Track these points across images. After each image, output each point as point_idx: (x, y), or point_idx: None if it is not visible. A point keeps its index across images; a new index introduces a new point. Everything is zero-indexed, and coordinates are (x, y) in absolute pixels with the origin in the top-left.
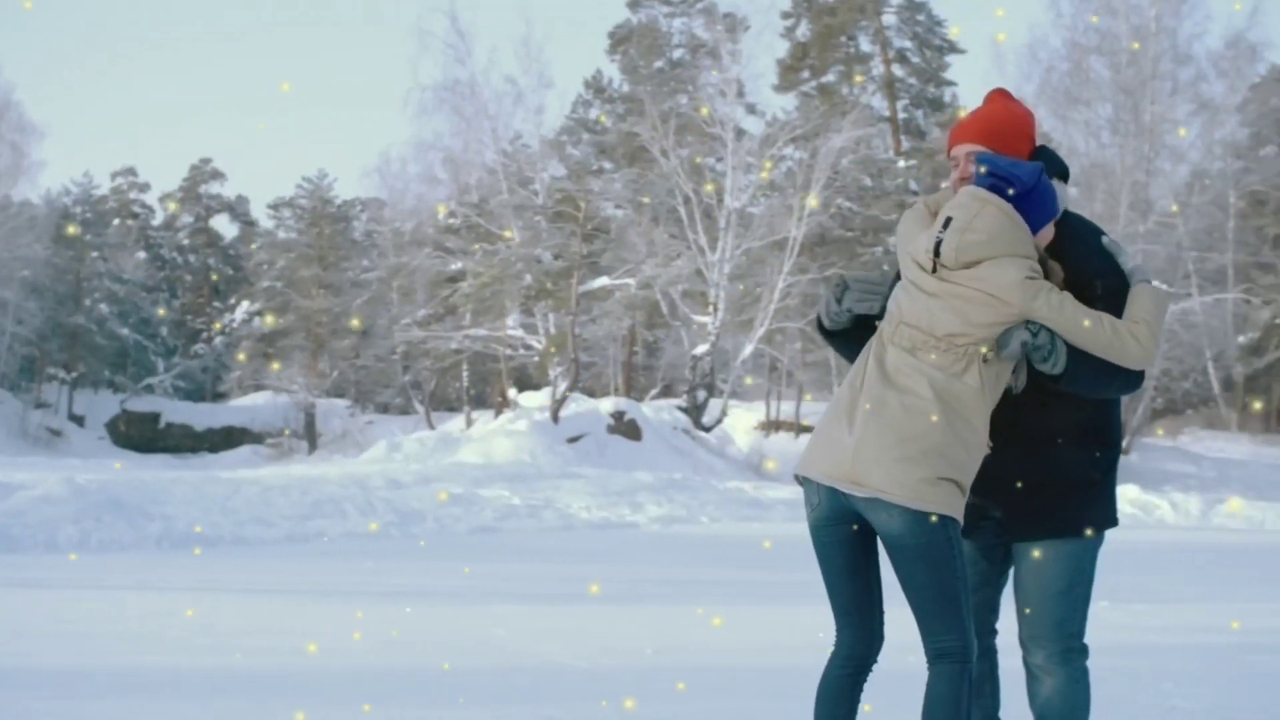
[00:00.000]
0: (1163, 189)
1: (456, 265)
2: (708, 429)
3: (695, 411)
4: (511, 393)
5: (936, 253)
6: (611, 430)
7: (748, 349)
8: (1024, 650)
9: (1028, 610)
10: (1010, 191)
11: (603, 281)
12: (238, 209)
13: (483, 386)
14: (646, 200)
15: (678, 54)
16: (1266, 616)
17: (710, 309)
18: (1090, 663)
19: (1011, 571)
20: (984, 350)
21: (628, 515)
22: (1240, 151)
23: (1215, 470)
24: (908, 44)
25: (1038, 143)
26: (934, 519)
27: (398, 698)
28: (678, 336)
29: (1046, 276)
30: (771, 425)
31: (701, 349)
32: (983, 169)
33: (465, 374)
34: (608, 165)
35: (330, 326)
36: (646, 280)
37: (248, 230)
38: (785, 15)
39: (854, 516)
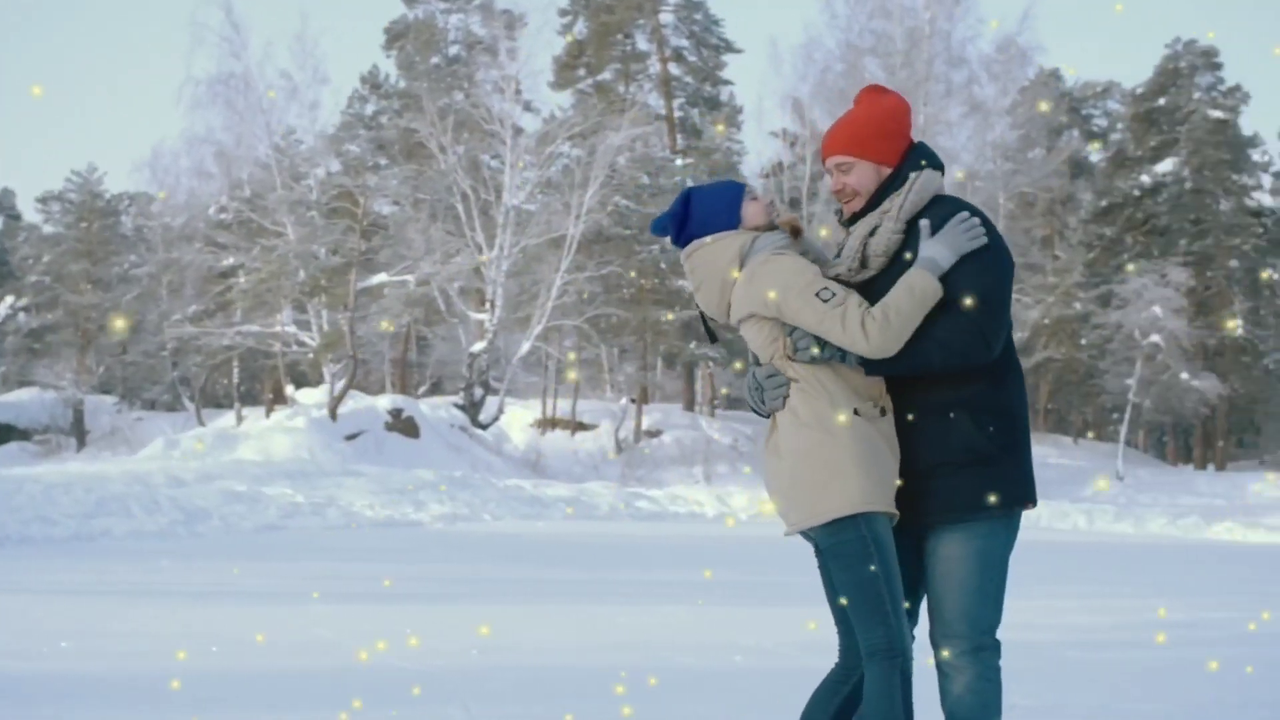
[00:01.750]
0: None
1: (229, 261)
2: (484, 426)
3: (472, 409)
4: (289, 389)
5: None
6: (389, 427)
7: (524, 346)
8: (934, 648)
9: (937, 606)
10: (679, 230)
11: (381, 278)
12: (3, 202)
13: (252, 383)
14: (425, 197)
15: (454, 50)
16: (1072, 614)
17: (487, 306)
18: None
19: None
20: (786, 353)
21: (411, 513)
22: (1009, 153)
23: None
24: (685, 43)
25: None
26: (837, 522)
27: (240, 702)
28: (447, 333)
29: (795, 235)
30: (547, 423)
31: (479, 346)
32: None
33: (236, 370)
34: (384, 161)
35: (99, 322)
36: (425, 277)
37: (13, 224)
38: (563, 13)
39: None
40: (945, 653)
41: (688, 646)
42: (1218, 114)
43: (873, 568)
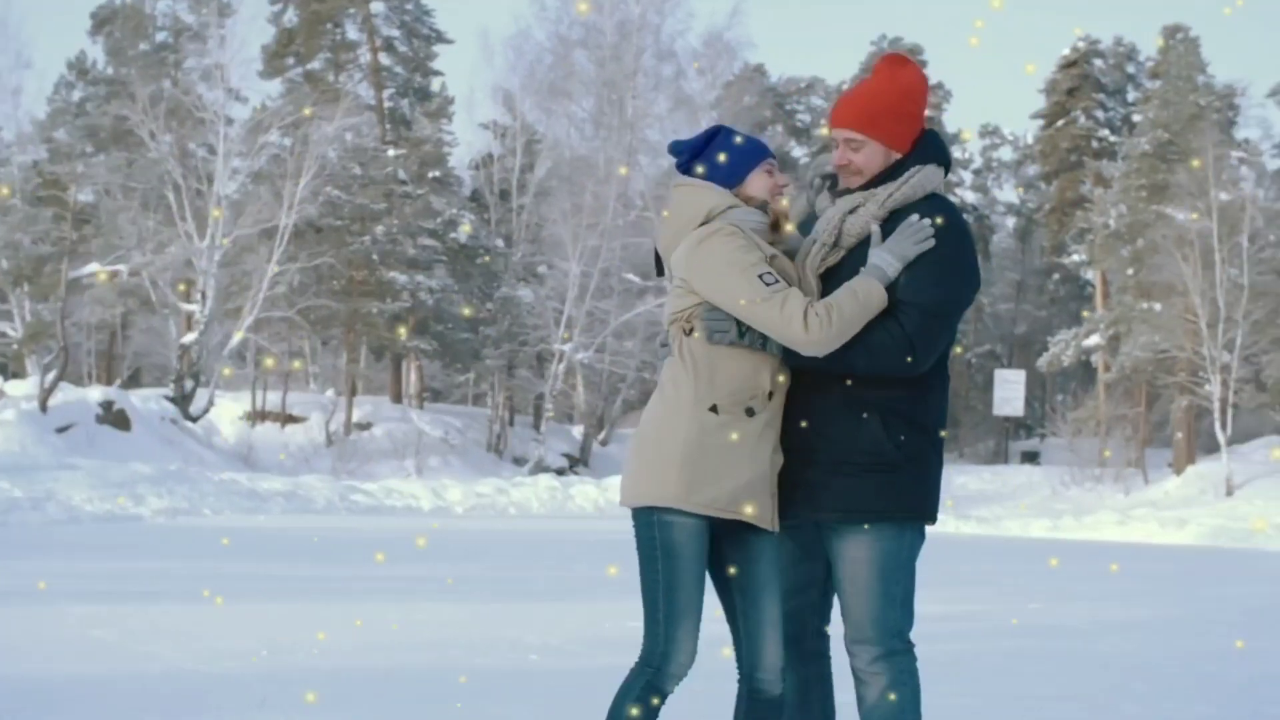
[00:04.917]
0: (644, 183)
1: None
2: (195, 419)
3: (183, 401)
4: None
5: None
6: (101, 420)
7: (236, 338)
8: (849, 655)
9: (846, 611)
10: (682, 160)
11: (93, 268)
12: None
13: None
14: (136, 185)
15: (162, 37)
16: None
17: (198, 297)
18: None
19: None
20: (686, 327)
21: (130, 507)
22: None
23: None
24: (396, 32)
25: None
26: (640, 511)
27: (69, 712)
28: (146, 324)
29: (775, 227)
30: (257, 415)
31: (190, 337)
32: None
33: None
34: (92, 149)
35: None
36: (137, 267)
37: None
38: (273, 0)
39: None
40: (858, 659)
41: (476, 645)
42: None
43: (655, 569)
